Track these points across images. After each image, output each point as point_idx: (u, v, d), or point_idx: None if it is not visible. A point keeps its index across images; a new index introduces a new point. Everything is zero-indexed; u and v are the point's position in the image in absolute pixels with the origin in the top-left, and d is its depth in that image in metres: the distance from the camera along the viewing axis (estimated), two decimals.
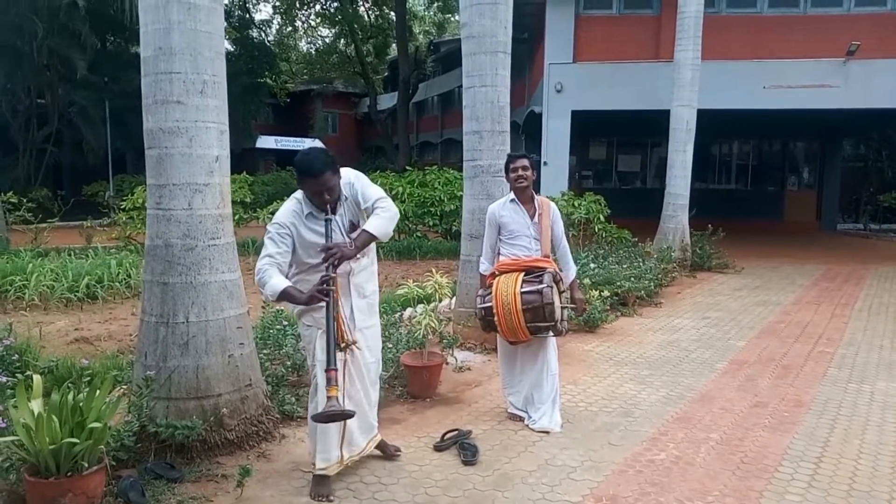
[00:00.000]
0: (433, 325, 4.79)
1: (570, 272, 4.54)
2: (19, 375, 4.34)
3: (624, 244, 11.50)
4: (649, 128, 16.54)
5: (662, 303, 8.80)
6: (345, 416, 3.06)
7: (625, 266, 9.13)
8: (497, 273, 4.32)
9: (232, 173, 15.01)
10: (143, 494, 3.23)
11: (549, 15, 13.89)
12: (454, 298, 6.31)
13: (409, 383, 4.88)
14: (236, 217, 13.36)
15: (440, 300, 4.92)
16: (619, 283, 8.17)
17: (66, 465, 2.95)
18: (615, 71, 13.56)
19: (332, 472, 3.44)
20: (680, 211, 11.86)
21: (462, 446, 3.92)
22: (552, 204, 4.51)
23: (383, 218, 3.28)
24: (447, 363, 5.22)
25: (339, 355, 3.27)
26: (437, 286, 4.84)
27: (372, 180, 13.19)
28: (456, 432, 4.09)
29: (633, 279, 8.45)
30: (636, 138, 21.17)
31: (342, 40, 32.05)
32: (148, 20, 3.60)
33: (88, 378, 3.66)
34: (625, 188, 21.76)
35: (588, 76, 13.66)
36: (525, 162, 4.40)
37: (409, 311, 5.70)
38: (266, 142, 34.67)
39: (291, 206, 3.31)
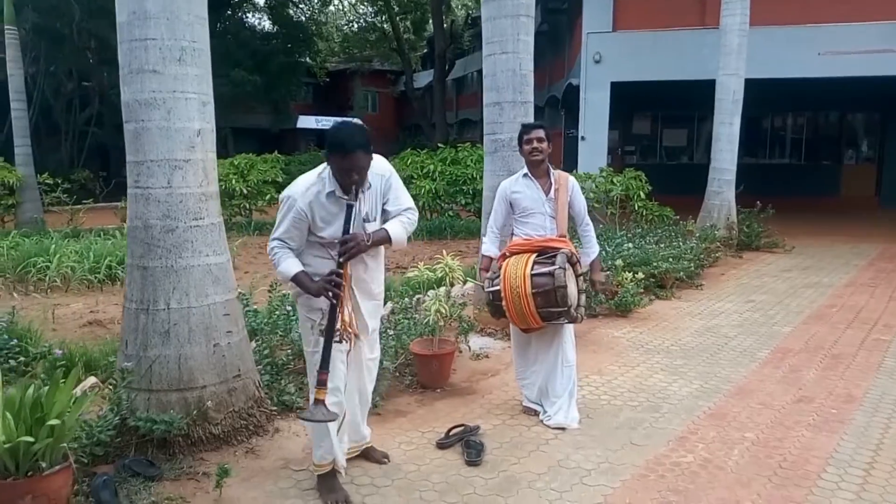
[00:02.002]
0: (443, 311, 4.45)
1: (592, 252, 4.15)
2: (12, 361, 4.21)
3: (665, 222, 10.94)
4: (696, 100, 15.69)
5: (704, 285, 8.27)
6: (328, 420, 2.90)
7: (662, 246, 8.60)
8: (507, 254, 3.96)
9: (269, 153, 14.94)
10: (115, 494, 3.02)
11: None
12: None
13: (419, 373, 4.58)
14: (267, 196, 13.26)
15: (451, 284, 4.56)
16: (655, 264, 7.69)
17: (26, 464, 2.73)
18: (657, 39, 12.83)
19: (330, 467, 3.15)
20: (726, 187, 11.17)
21: (467, 444, 3.60)
22: (571, 178, 4.11)
23: (406, 226, 3.10)
24: (460, 351, 4.90)
25: (343, 346, 3.01)
26: (447, 269, 4.49)
27: (404, 158, 12.79)
28: (462, 428, 3.77)
29: (671, 259, 7.94)
30: (682, 112, 20.26)
31: (379, 17, 31.60)
32: None
33: (64, 368, 3.44)
34: (670, 164, 20.93)
35: (628, 45, 12.96)
36: (540, 133, 4.01)
37: (419, 296, 5.38)
38: (306, 122, 34.61)
39: (312, 186, 2.93)
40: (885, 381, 4.74)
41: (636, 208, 11.57)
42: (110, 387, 3.57)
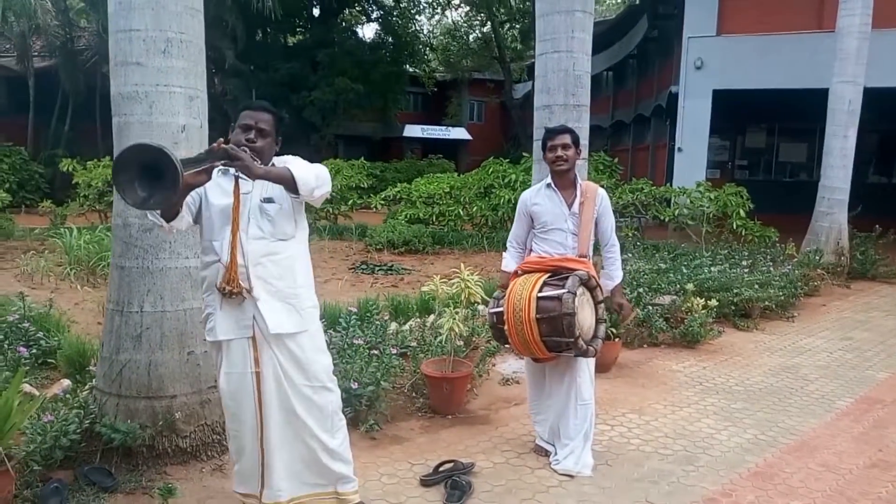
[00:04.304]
0: (457, 330, 4.06)
1: (616, 276, 3.63)
2: (31, 350, 4.23)
3: (765, 244, 9.92)
4: (817, 112, 14.29)
5: (796, 316, 7.34)
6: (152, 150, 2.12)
7: (746, 271, 7.73)
8: (519, 273, 3.53)
9: (372, 161, 15.24)
10: (64, 502, 2.88)
11: None
12: None
13: (430, 396, 4.21)
14: (350, 202, 13.35)
15: (466, 302, 4.16)
16: (737, 290, 6.88)
17: None
18: (766, 44, 11.74)
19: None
20: (837, 207, 9.99)
21: (452, 484, 3.19)
22: (601, 190, 3.61)
23: (310, 169, 2.54)
24: (479, 375, 4.48)
25: (252, 379, 2.57)
26: (463, 285, 4.09)
27: (486, 167, 12.21)
28: (452, 464, 3.38)
29: (756, 286, 7.10)
30: (801, 124, 18.55)
31: (486, 25, 31.45)
32: None
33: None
34: (788, 181, 19.26)
35: (733, 50, 11.96)
36: (566, 138, 3.54)
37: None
38: (413, 130, 35.07)
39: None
40: None
41: (734, 227, 10.61)
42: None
